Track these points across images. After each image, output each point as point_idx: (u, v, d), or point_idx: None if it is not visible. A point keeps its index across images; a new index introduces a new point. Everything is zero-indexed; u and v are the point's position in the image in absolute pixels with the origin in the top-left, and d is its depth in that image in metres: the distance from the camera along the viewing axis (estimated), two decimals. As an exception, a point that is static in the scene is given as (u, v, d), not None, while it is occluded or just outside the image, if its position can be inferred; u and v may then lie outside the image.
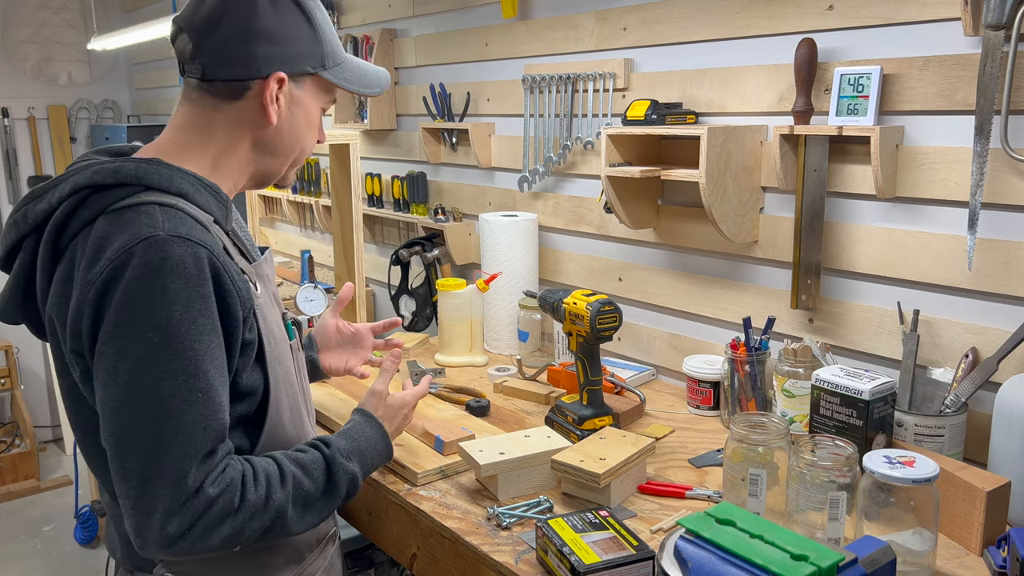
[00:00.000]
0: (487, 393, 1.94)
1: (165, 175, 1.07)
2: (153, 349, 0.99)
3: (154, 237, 1.00)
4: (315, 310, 2.19)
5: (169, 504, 0.99)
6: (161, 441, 0.99)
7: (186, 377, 1.00)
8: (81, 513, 3.56)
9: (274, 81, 1.13)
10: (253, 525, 1.06)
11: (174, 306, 0.99)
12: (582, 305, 1.61)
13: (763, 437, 1.32)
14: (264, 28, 1.11)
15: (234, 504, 1.03)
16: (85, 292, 1.00)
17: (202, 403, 1.01)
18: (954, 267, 1.52)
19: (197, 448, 1.00)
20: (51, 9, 4.77)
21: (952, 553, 1.26)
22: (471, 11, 2.51)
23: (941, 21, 1.48)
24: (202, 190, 1.10)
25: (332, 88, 1.22)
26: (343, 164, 2.11)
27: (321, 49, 1.18)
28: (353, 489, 1.21)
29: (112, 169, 1.05)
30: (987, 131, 1.41)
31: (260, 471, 1.09)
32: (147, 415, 0.99)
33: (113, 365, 0.99)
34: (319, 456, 1.17)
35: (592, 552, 1.16)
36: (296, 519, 1.11)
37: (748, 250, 1.86)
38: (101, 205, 1.04)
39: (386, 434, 1.34)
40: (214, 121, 1.14)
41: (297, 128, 1.20)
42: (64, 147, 4.86)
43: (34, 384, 4.58)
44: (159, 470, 0.99)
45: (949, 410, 1.45)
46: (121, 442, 1.00)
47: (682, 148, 1.94)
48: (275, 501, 1.08)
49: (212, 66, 1.11)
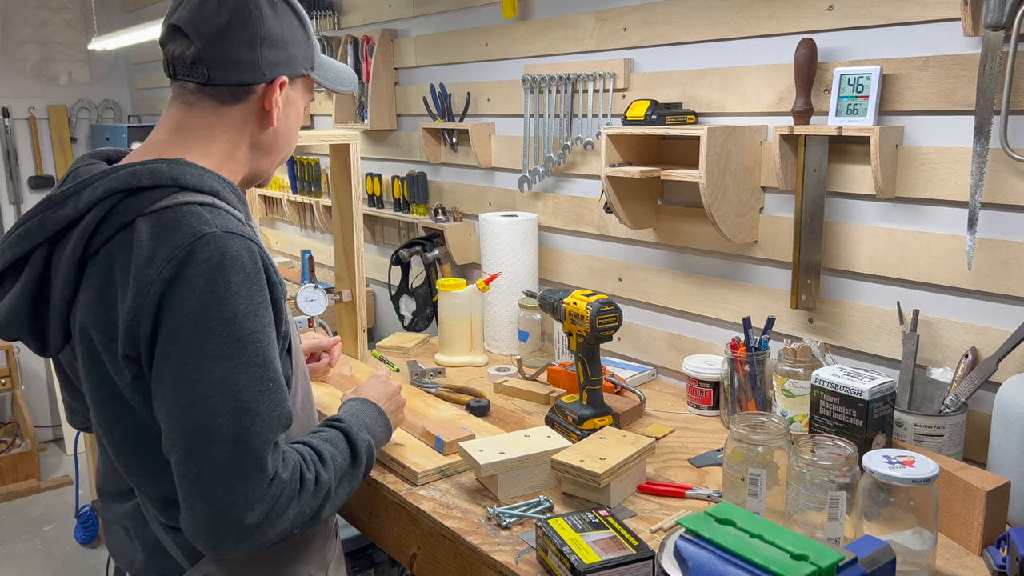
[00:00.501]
0: (487, 393, 1.94)
1: (196, 175, 1.07)
2: (223, 343, 0.99)
3: (211, 234, 1.00)
4: (315, 310, 2.18)
5: (251, 495, 0.99)
6: (239, 434, 0.99)
7: (256, 368, 1.01)
8: (81, 513, 3.56)
9: (278, 86, 1.14)
10: (311, 504, 1.08)
11: (239, 300, 1.00)
12: (582, 305, 1.61)
13: (763, 437, 1.32)
14: (268, 33, 1.11)
15: (297, 486, 1.05)
16: (143, 293, 0.98)
17: (273, 392, 1.02)
18: (954, 267, 1.52)
19: (271, 437, 1.02)
20: (51, 9, 4.77)
21: (952, 553, 1.26)
22: (471, 11, 2.51)
23: (941, 21, 1.48)
24: (227, 188, 1.11)
25: (312, 86, 1.24)
26: (343, 164, 2.11)
27: (312, 51, 1.20)
28: (371, 458, 1.24)
29: (149, 171, 1.04)
30: (987, 131, 1.41)
31: (307, 453, 1.11)
32: (222, 410, 0.99)
33: (181, 364, 0.99)
34: (337, 432, 1.21)
35: (592, 552, 1.16)
36: (337, 494, 1.14)
37: (748, 250, 1.86)
38: (137, 208, 1.02)
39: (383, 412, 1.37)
40: (214, 124, 1.14)
41: (290, 128, 1.22)
42: (64, 147, 4.86)
43: (34, 384, 4.57)
44: (240, 463, 0.99)
45: (949, 410, 1.45)
46: (194, 441, 0.99)
47: (682, 148, 1.94)
48: (323, 479, 1.10)
49: (218, 71, 1.10)
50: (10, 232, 1.06)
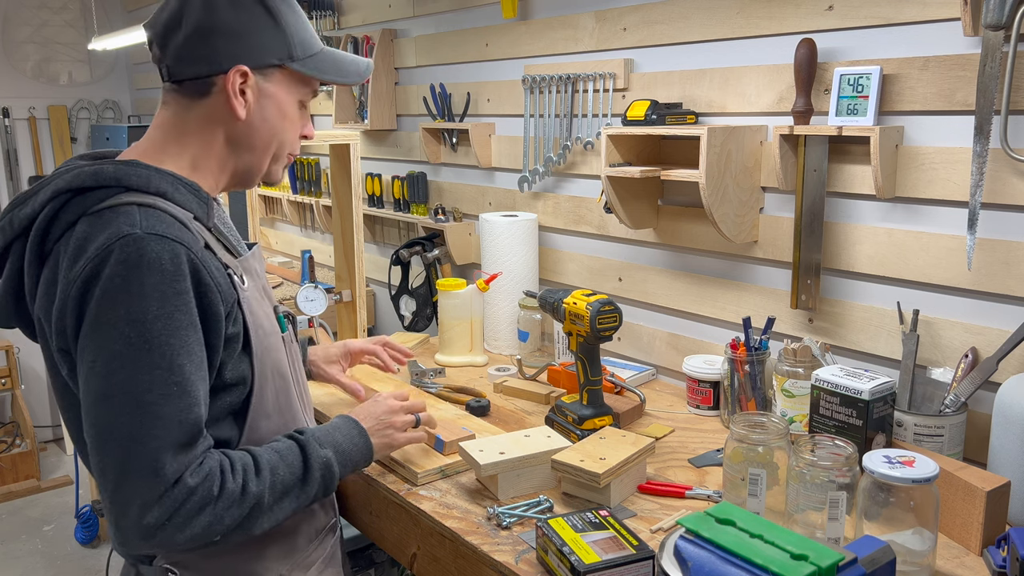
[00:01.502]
0: (487, 393, 1.94)
1: (143, 175, 1.09)
2: (129, 344, 1.01)
3: (132, 235, 1.02)
4: (315, 310, 2.18)
5: (147, 496, 1.01)
6: (137, 434, 1.01)
7: (161, 371, 1.02)
8: (81, 513, 3.56)
9: (235, 74, 1.14)
10: (232, 514, 1.08)
11: (150, 302, 1.01)
12: (582, 305, 1.61)
13: (763, 437, 1.32)
14: (221, 24, 1.13)
15: (213, 493, 1.06)
16: (67, 290, 1.02)
17: (177, 396, 1.03)
18: (954, 267, 1.52)
19: (173, 440, 1.03)
20: (52, 9, 4.77)
21: (952, 553, 1.26)
22: (471, 11, 2.51)
23: (941, 21, 1.48)
24: (181, 188, 1.13)
25: (308, 80, 1.23)
26: (343, 164, 2.11)
27: (286, 40, 1.18)
28: (329, 476, 1.23)
29: (91, 172, 1.07)
30: (987, 131, 1.41)
31: (237, 461, 1.11)
32: (124, 409, 1.01)
33: (92, 360, 1.02)
34: (292, 443, 1.20)
35: (592, 552, 1.16)
36: (271, 507, 1.13)
37: (748, 250, 1.86)
38: (82, 207, 1.06)
39: (363, 432, 1.35)
40: (187, 120, 1.17)
41: (270, 122, 1.20)
42: (65, 147, 4.86)
43: (34, 384, 4.57)
44: (136, 463, 1.01)
45: (949, 410, 1.45)
46: (99, 436, 1.02)
47: (682, 148, 1.94)
48: (251, 490, 1.10)
49: (176, 66, 1.15)
50: None
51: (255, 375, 1.17)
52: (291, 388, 1.27)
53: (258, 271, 1.26)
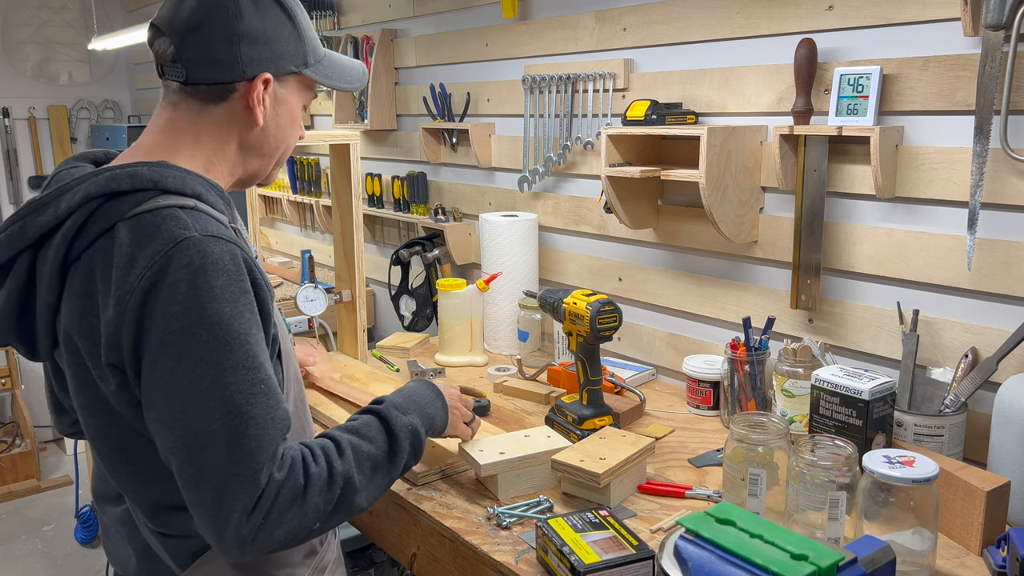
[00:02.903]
0: (487, 393, 1.94)
1: (179, 177, 1.05)
2: (210, 348, 0.96)
3: (190, 238, 0.98)
4: (315, 310, 2.19)
5: (247, 500, 0.97)
6: (234, 438, 0.97)
7: (247, 371, 0.98)
8: (81, 513, 3.56)
9: (260, 83, 1.11)
10: (324, 498, 1.04)
11: (223, 303, 0.97)
12: (582, 305, 1.61)
13: (763, 437, 1.32)
14: (248, 29, 1.09)
15: (300, 483, 1.01)
16: (124, 301, 0.97)
17: (266, 394, 1.00)
18: (954, 267, 1.52)
19: (270, 440, 0.99)
20: (52, 9, 4.77)
21: (952, 553, 1.26)
22: (471, 11, 2.51)
23: (941, 21, 1.48)
24: (211, 191, 1.09)
25: (313, 84, 1.21)
26: (343, 164, 2.11)
27: (304, 47, 1.17)
28: (417, 443, 1.20)
29: (128, 174, 1.02)
30: (987, 131, 1.41)
31: (316, 447, 1.07)
32: (215, 415, 0.96)
33: (170, 372, 0.97)
34: (371, 417, 1.18)
35: (592, 552, 1.16)
36: (365, 485, 1.10)
37: (748, 250, 1.86)
38: (117, 212, 1.01)
39: (441, 394, 1.34)
40: (200, 124, 1.12)
41: (282, 127, 1.19)
42: (65, 147, 4.86)
43: (35, 384, 4.57)
44: (236, 468, 0.97)
45: (949, 410, 1.45)
46: (190, 448, 0.97)
47: (682, 148, 1.94)
48: (338, 471, 1.06)
49: (196, 69, 1.09)
50: None
51: (283, 379, 1.14)
52: (303, 391, 1.26)
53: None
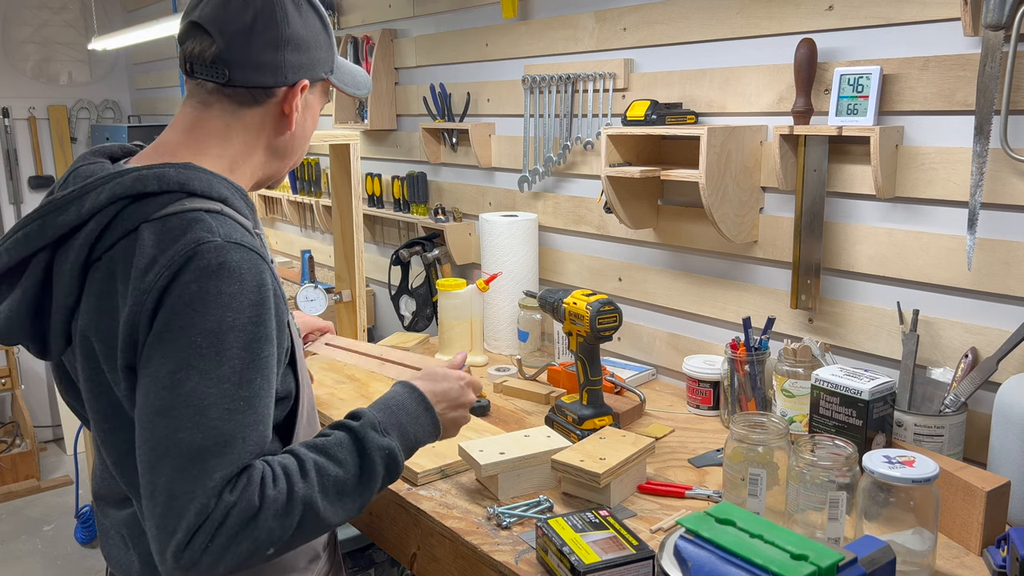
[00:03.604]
0: (487, 393, 1.94)
1: (205, 180, 1.03)
2: (199, 354, 0.93)
3: (211, 243, 0.96)
4: (315, 310, 2.19)
5: (193, 521, 0.91)
6: (197, 453, 0.92)
7: (230, 385, 0.94)
8: (81, 513, 3.56)
9: (299, 89, 1.12)
10: (281, 523, 0.97)
11: (227, 311, 0.95)
12: (582, 305, 1.61)
13: (763, 437, 1.32)
14: (293, 35, 1.09)
15: (253, 505, 0.94)
16: (141, 301, 0.95)
17: (243, 412, 0.95)
18: (954, 267, 1.52)
19: (232, 461, 0.94)
20: (51, 9, 4.77)
21: (952, 553, 1.26)
22: (471, 11, 2.51)
23: (941, 21, 1.48)
24: (236, 194, 1.07)
25: (328, 90, 1.22)
26: (343, 164, 2.11)
27: (332, 54, 1.18)
28: (394, 466, 1.11)
29: (156, 176, 1.00)
30: (987, 131, 1.41)
31: (277, 466, 0.99)
32: (184, 424, 0.92)
33: (156, 369, 0.94)
34: (344, 435, 1.08)
35: (592, 552, 1.16)
36: (330, 508, 1.02)
37: (748, 250, 1.86)
38: (142, 214, 0.99)
39: (431, 409, 1.20)
40: (231, 125, 1.10)
41: (307, 132, 1.19)
42: (64, 147, 4.86)
43: (34, 384, 4.58)
44: (189, 485, 0.91)
45: (949, 410, 1.45)
46: (153, 453, 0.93)
47: (682, 148, 1.94)
48: (298, 495, 0.98)
49: (239, 72, 1.07)
50: (8, 235, 1.03)
51: (298, 388, 1.12)
52: (313, 399, 1.25)
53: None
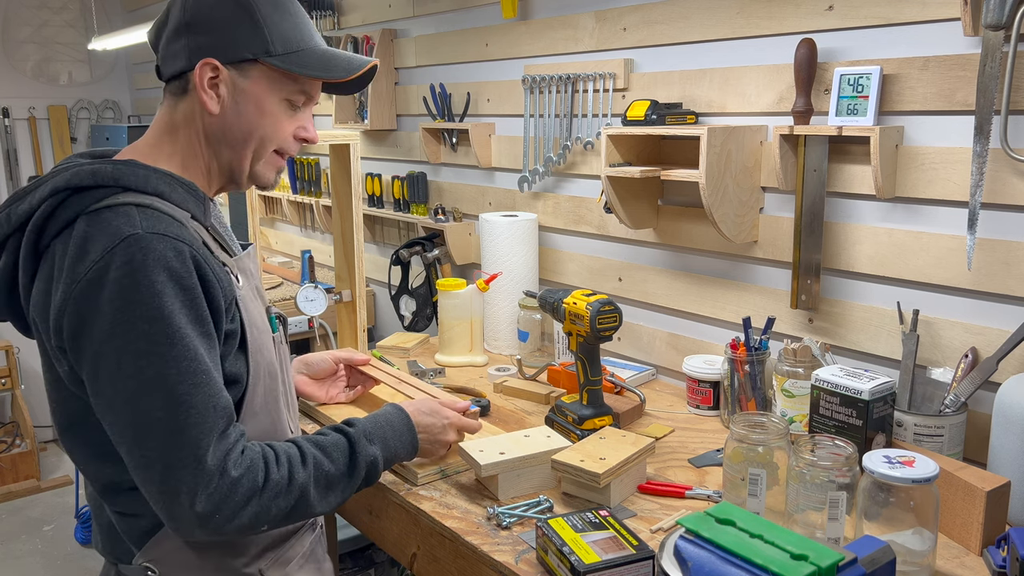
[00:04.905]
0: (487, 393, 1.94)
1: (141, 176, 1.10)
2: (151, 341, 1.02)
3: (134, 235, 1.03)
4: (315, 310, 2.19)
5: (192, 483, 1.03)
6: (177, 426, 1.03)
7: (188, 362, 1.04)
8: (81, 513, 3.56)
9: (202, 68, 1.14)
10: (279, 504, 1.11)
11: (164, 298, 1.03)
12: (582, 305, 1.61)
13: (763, 437, 1.32)
14: (196, 20, 1.14)
15: (258, 484, 1.09)
16: (69, 290, 1.03)
17: (205, 384, 1.05)
18: (954, 267, 1.52)
19: (211, 427, 1.05)
20: (51, 9, 4.77)
21: (952, 553, 1.26)
22: (471, 11, 2.51)
23: (941, 21, 1.48)
24: (178, 188, 1.14)
25: (296, 77, 1.19)
26: (343, 164, 2.11)
27: (264, 35, 1.15)
28: (373, 472, 1.27)
29: (90, 171, 1.08)
30: (987, 131, 1.41)
31: (282, 452, 1.14)
32: (158, 403, 1.03)
33: (115, 362, 1.03)
34: (341, 438, 1.24)
35: (592, 552, 1.16)
36: (319, 499, 1.17)
37: (748, 250, 1.86)
38: (80, 206, 1.07)
39: (413, 431, 1.39)
40: (175, 120, 1.19)
41: (246, 118, 1.18)
42: (65, 147, 4.86)
43: (34, 384, 4.57)
44: (178, 453, 1.03)
45: (949, 410, 1.45)
46: (138, 433, 1.04)
47: (682, 148, 1.94)
48: (297, 481, 1.13)
49: (162, 64, 1.19)
50: None
51: (250, 373, 1.18)
52: (279, 388, 1.27)
53: (252, 271, 1.26)
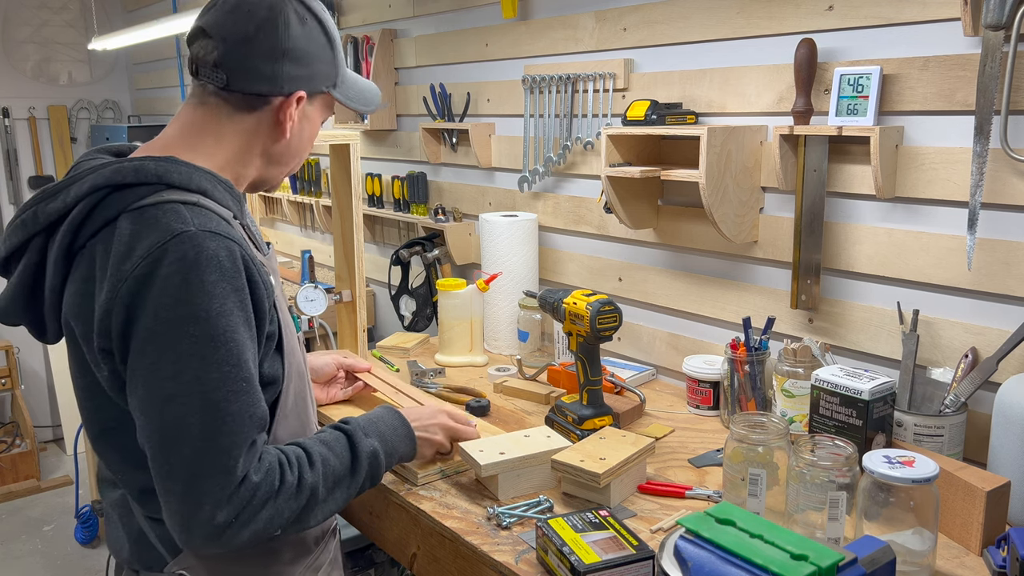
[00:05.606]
0: (487, 393, 1.94)
1: (185, 173, 1.08)
2: (196, 342, 0.99)
3: (186, 232, 1.01)
4: (315, 310, 2.18)
5: (219, 495, 1.00)
6: (209, 433, 1.00)
7: (229, 367, 1.01)
8: (81, 513, 3.56)
9: (294, 100, 1.14)
10: (290, 507, 1.08)
11: (212, 299, 1.00)
12: (582, 305, 1.61)
13: (763, 437, 1.32)
14: (293, 48, 1.12)
15: (274, 488, 1.06)
16: (116, 288, 1.00)
17: (245, 392, 1.03)
18: (954, 267, 1.52)
19: (244, 437, 1.03)
20: (51, 9, 4.77)
21: (952, 553, 1.26)
22: (471, 11, 2.51)
23: (941, 21, 1.48)
24: (219, 186, 1.11)
25: (333, 103, 1.24)
26: (343, 164, 2.11)
27: (337, 69, 1.20)
28: (376, 466, 1.24)
29: (133, 168, 1.05)
30: (987, 131, 1.41)
31: (291, 454, 1.12)
32: (193, 408, 1.00)
33: (154, 361, 1.00)
34: (339, 434, 1.22)
35: (592, 552, 1.16)
36: (326, 497, 1.14)
37: (748, 250, 1.86)
38: (122, 204, 1.04)
39: (407, 423, 1.38)
40: (225, 127, 1.15)
41: (303, 142, 1.22)
42: (64, 147, 4.86)
43: (34, 384, 4.58)
44: (207, 462, 1.00)
45: (949, 410, 1.45)
46: (166, 438, 1.01)
47: (682, 148, 1.94)
48: (307, 481, 1.11)
49: (237, 78, 1.12)
50: (11, 222, 1.10)
51: (284, 375, 1.16)
52: (306, 389, 1.28)
53: (275, 271, 1.27)
